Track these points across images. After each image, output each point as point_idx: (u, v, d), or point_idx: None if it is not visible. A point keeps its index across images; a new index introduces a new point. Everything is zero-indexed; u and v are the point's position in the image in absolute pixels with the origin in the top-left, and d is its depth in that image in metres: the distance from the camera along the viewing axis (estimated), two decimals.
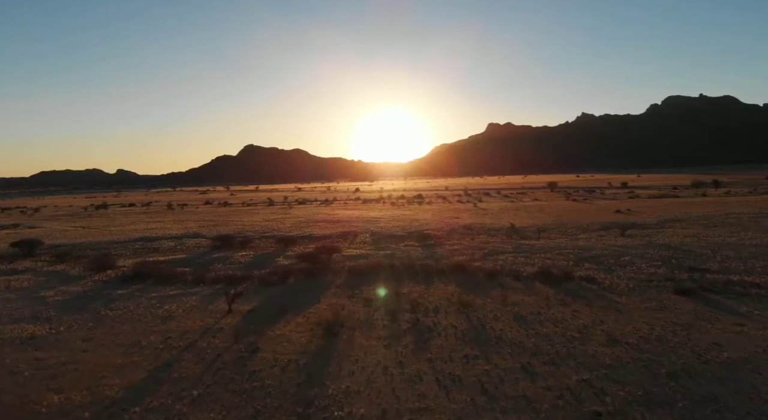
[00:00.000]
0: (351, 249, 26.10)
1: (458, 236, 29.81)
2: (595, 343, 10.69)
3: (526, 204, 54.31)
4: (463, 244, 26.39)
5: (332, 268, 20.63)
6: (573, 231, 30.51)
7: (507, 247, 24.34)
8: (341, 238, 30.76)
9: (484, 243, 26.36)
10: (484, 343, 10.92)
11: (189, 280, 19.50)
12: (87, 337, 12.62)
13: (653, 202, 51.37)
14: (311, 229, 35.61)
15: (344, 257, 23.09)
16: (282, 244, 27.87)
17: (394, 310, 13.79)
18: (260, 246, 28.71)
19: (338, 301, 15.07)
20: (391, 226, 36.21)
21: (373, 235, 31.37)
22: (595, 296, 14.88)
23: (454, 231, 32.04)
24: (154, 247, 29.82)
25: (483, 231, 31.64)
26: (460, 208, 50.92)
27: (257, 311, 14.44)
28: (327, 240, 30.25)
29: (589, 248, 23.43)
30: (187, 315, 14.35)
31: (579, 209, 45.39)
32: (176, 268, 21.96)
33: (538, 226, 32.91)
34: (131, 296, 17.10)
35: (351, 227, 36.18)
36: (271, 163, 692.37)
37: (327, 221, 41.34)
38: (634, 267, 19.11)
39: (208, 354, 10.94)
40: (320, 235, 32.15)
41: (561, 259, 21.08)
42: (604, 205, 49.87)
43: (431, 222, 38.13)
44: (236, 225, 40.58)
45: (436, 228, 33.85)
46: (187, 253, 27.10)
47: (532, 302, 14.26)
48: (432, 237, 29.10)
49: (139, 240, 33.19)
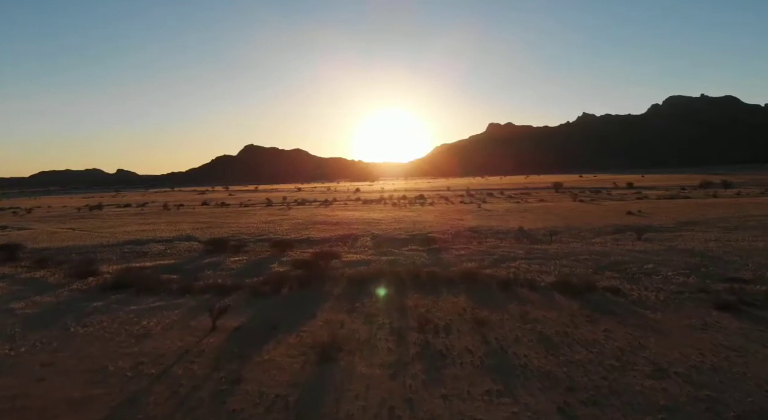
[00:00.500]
0: (351, 254, 24.46)
1: (464, 240, 28.16)
2: (640, 375, 9.04)
3: (532, 205, 52.65)
4: (471, 248, 24.75)
5: (330, 275, 19.00)
6: (586, 234, 28.86)
7: (518, 253, 22.69)
8: (341, 242, 29.14)
9: (493, 248, 24.71)
10: (507, 373, 9.27)
11: (174, 290, 17.87)
12: (48, 361, 10.99)
13: (664, 203, 49.71)
14: (309, 232, 33.98)
15: (343, 263, 21.46)
16: (277, 249, 26.24)
17: (399, 328, 12.16)
18: (255, 250, 27.07)
19: (336, 317, 13.44)
20: (393, 228, 34.58)
21: (375, 239, 29.74)
22: (626, 312, 13.24)
23: (459, 234, 30.40)
24: (143, 251, 28.19)
25: (490, 234, 29.99)
26: (464, 210, 49.28)
27: (245, 328, 12.81)
28: (325, 244, 28.62)
29: (606, 254, 21.79)
30: (166, 333, 12.72)
31: (588, 211, 43.74)
32: (162, 276, 20.33)
33: (548, 228, 31.26)
34: (108, 309, 15.47)
35: (351, 230, 34.55)
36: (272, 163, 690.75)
37: (326, 223, 39.71)
38: (660, 276, 17.48)
39: (183, 386, 9.30)
40: (318, 239, 30.52)
41: (579, 266, 19.44)
42: (613, 206, 48.22)
43: (435, 224, 36.49)
44: (232, 227, 38.96)
45: (440, 231, 32.22)
46: (177, 258, 25.47)
47: (556, 319, 12.62)
48: (437, 241, 27.46)
49: (129, 243, 31.56)
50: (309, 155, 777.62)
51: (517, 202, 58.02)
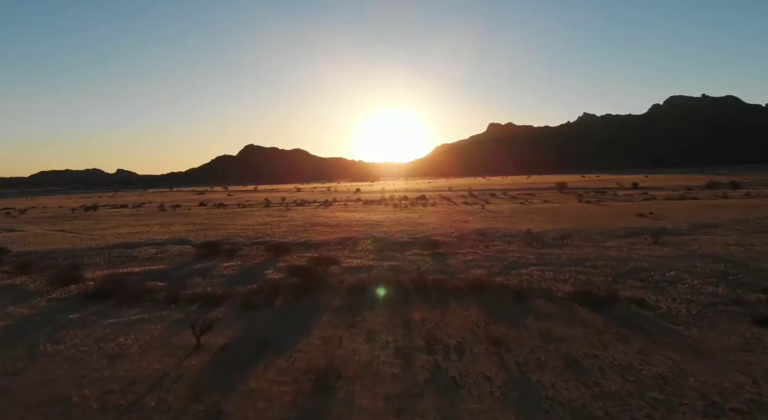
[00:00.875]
0: (351, 259, 23.10)
1: (471, 243, 26.79)
2: (691, 412, 7.67)
3: (538, 206, 51.26)
4: (478, 253, 23.37)
5: (329, 284, 17.65)
6: (598, 237, 27.48)
7: (529, 258, 21.31)
8: (340, 245, 27.78)
9: (502, 252, 23.33)
10: (534, 409, 7.90)
11: (160, 299, 16.52)
12: (5, 388, 9.63)
13: (673, 204, 48.32)
14: (308, 235, 32.61)
15: (343, 270, 20.10)
16: (273, 253, 24.87)
17: (405, 348, 10.80)
18: (249, 254, 25.71)
19: (334, 333, 12.08)
20: (395, 231, 33.21)
21: (376, 242, 28.37)
22: (656, 328, 11.87)
23: (465, 237, 29.03)
24: (132, 255, 26.84)
25: (497, 237, 28.62)
26: (468, 211, 47.89)
27: (232, 347, 11.45)
28: (324, 248, 27.25)
29: (624, 260, 20.41)
30: (144, 352, 11.36)
31: (596, 212, 42.35)
32: (149, 283, 18.98)
33: (557, 231, 29.89)
34: (84, 322, 14.11)
35: (351, 232, 33.19)
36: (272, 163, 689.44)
37: (325, 225, 38.34)
38: (686, 285, 16.11)
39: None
40: (317, 242, 29.15)
41: (596, 273, 18.07)
42: (622, 207, 46.84)
43: (438, 226, 35.11)
44: (227, 229, 37.59)
45: (444, 233, 30.85)
46: (167, 263, 24.11)
47: (581, 337, 11.25)
48: (441, 244, 26.08)
49: (119, 246, 30.21)
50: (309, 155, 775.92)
51: (521, 203, 56.63)
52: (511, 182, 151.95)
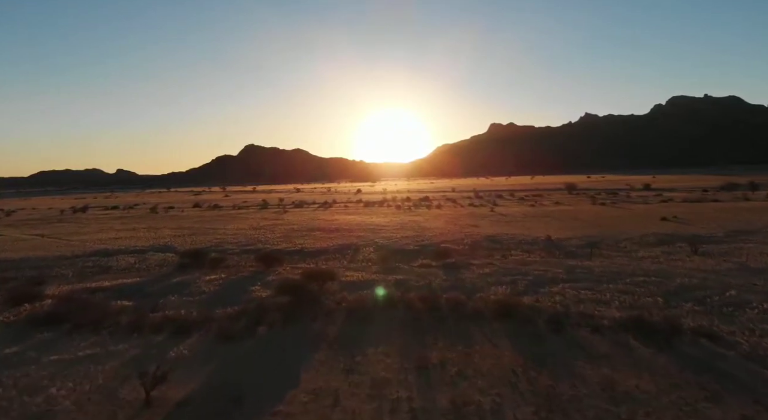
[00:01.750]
0: (351, 271, 20.33)
1: (485, 252, 24.01)
2: None
3: (550, 209, 48.41)
4: (495, 264, 20.58)
5: (324, 305, 14.87)
6: (627, 245, 24.69)
7: (556, 272, 18.52)
8: (339, 254, 25.01)
9: (523, 264, 20.54)
10: None
11: (122, 326, 13.77)
12: None
13: (695, 207, 45.47)
14: (304, 241, 29.84)
15: (342, 285, 17.34)
16: (264, 264, 22.08)
17: (423, 413, 8.00)
18: (237, 265, 22.95)
19: (328, 384, 9.31)
20: (400, 236, 30.43)
21: (379, 250, 25.61)
22: (750, 377, 9.09)
23: (477, 244, 26.24)
24: (107, 266, 24.10)
25: (514, 245, 25.83)
26: (476, 214, 45.07)
27: (194, 404, 8.68)
28: (321, 257, 24.47)
29: (666, 274, 17.62)
30: (78, 411, 8.60)
31: (615, 216, 39.52)
32: (115, 302, 16.23)
33: (579, 238, 27.12)
34: (20, 359, 11.37)
35: (351, 238, 30.42)
36: (272, 163, 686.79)
37: (324, 230, 35.58)
38: (756, 309, 13.34)
39: None
40: (314, 250, 26.38)
41: (640, 292, 15.28)
42: (641, 210, 44.00)
43: (446, 231, 32.33)
44: (218, 234, 34.84)
45: (454, 240, 28.07)
46: (144, 275, 21.36)
47: (655, 393, 8.46)
48: (452, 253, 23.29)
49: (96, 254, 27.46)
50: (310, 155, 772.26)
51: (531, 205, 53.78)
52: (516, 183, 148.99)
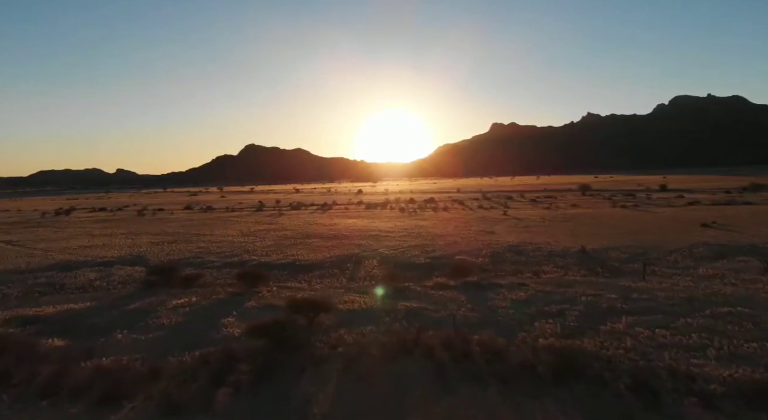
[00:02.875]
0: (350, 294, 16.47)
1: (511, 267, 20.13)
2: None
3: (569, 212, 44.40)
4: (529, 285, 16.69)
5: (314, 350, 11.03)
6: (679, 259, 20.79)
7: (610, 297, 14.61)
8: (337, 269, 21.15)
9: (563, 285, 16.63)
10: None
11: (36, 382, 9.97)
12: None
13: (727, 210, 41.50)
14: (297, 251, 25.96)
15: (338, 317, 13.48)
16: (245, 282, 18.22)
17: None
18: (214, 283, 19.12)
19: None
20: (407, 245, 26.56)
21: (384, 263, 21.76)
22: None
23: (499, 257, 22.36)
24: (61, 283, 20.30)
25: (543, 258, 21.93)
26: (488, 217, 41.13)
27: None
28: (316, 273, 20.59)
29: (754, 302, 13.73)
30: None
31: (644, 220, 35.57)
32: (44, 341, 12.44)
33: (618, 248, 23.24)
34: None
35: (352, 247, 26.57)
36: (273, 163, 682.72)
37: (321, 236, 31.71)
38: None
39: None
40: (307, 263, 22.51)
41: (737, 333, 11.41)
42: (669, 214, 40.03)
43: (459, 239, 28.44)
44: (201, 242, 30.99)
45: (470, 250, 24.20)
46: (99, 298, 17.52)
47: None
48: (472, 268, 19.39)
49: (54, 268, 23.64)
50: (310, 155, 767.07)
51: (547, 208, 49.77)
52: (522, 183, 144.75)
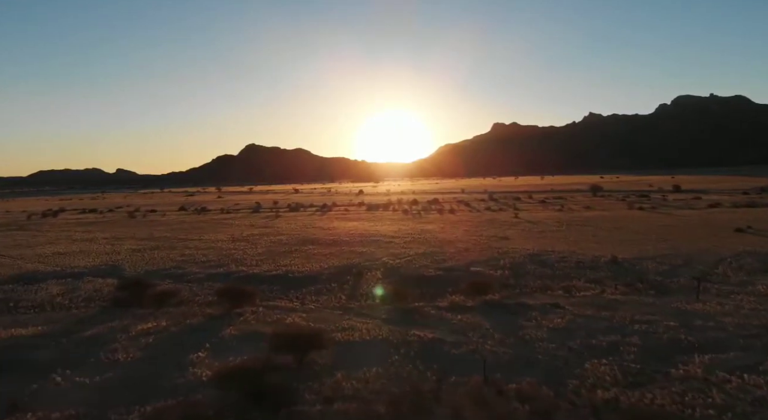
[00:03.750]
0: (349, 317, 13.80)
1: (536, 281, 17.41)
2: None
3: (584, 215, 41.54)
4: (565, 307, 13.99)
5: (302, 410, 8.33)
6: (729, 272, 18.06)
7: (668, 325, 11.90)
8: (335, 283, 18.42)
9: (605, 307, 13.90)
10: None
11: None
12: None
13: (755, 213, 38.69)
14: (291, 260, 23.23)
15: (333, 356, 10.80)
16: (227, 301, 15.50)
17: None
18: (191, 301, 16.42)
19: None
20: (414, 254, 23.82)
21: (389, 276, 19.05)
22: None
23: (520, 268, 19.61)
24: (17, 300, 17.63)
25: (570, 269, 19.19)
26: (499, 220, 38.34)
27: None
28: (310, 288, 17.86)
29: None
30: None
31: (668, 224, 32.79)
32: None
33: (653, 258, 20.48)
34: None
35: (353, 256, 23.83)
36: (273, 163, 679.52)
37: (318, 242, 29.01)
38: None
39: None
40: (301, 276, 19.78)
41: None
42: (694, 217, 37.21)
43: (472, 246, 25.70)
44: (188, 248, 28.29)
45: (486, 260, 21.45)
46: (53, 321, 14.85)
47: None
48: (492, 284, 16.68)
49: (18, 280, 20.96)
50: (311, 155, 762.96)
51: (558, 210, 46.93)
52: (526, 184, 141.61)
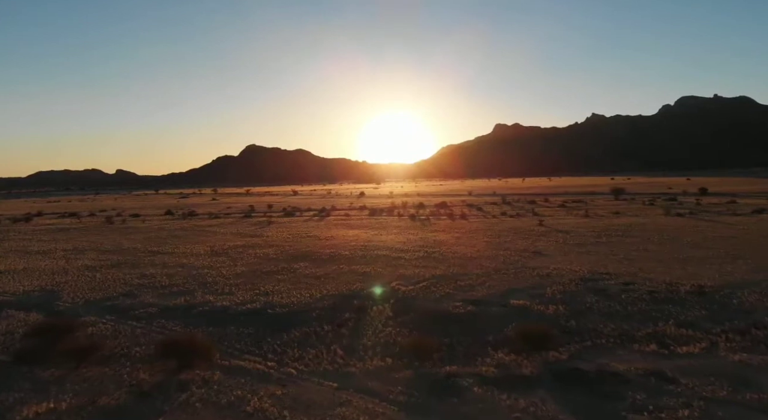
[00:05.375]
0: (347, 406, 8.77)
1: (606, 323, 12.36)
2: None
3: (617, 222, 36.28)
4: (675, 376, 8.94)
5: None
6: None
7: None
8: (328, 325, 13.40)
9: (730, 378, 8.84)
10: None
11: None
12: None
13: None
14: (274, 285, 18.19)
15: None
16: (172, 360, 10.48)
17: None
18: (124, 356, 11.41)
19: None
20: (431, 277, 18.79)
21: (402, 313, 14.06)
22: None
23: (577, 301, 14.58)
24: None
25: (643, 303, 14.13)
26: (524, 230, 33.22)
27: None
28: (294, 331, 12.84)
29: None
30: None
31: (728, 236, 27.65)
32: None
33: (748, 285, 15.44)
34: None
35: (353, 277, 18.84)
36: (274, 164, 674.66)
37: (312, 258, 24.01)
38: None
39: None
40: (284, 312, 14.74)
41: None
42: (749, 224, 32.06)
43: (502, 265, 20.64)
44: (151, 267, 23.29)
45: (526, 287, 16.45)
46: None
47: None
48: (550, 332, 11.62)
49: None
50: (312, 156, 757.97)
51: (585, 216, 41.76)
52: (535, 185, 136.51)
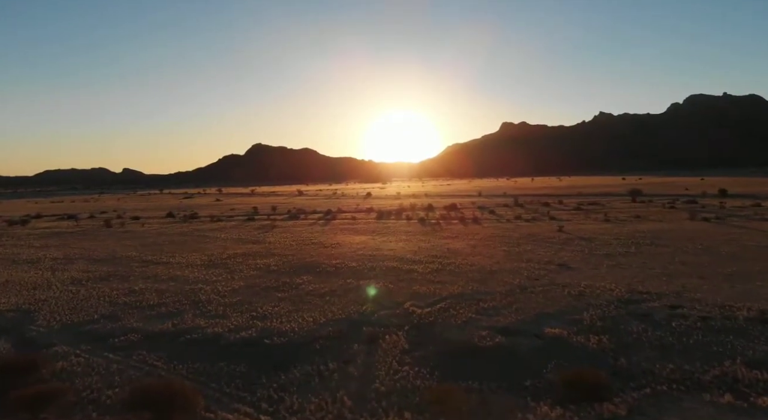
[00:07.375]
0: None
1: (660, 360, 10.25)
2: None
3: (641, 227, 33.81)
4: None
5: None
6: None
7: None
8: (333, 362, 11.36)
9: None
10: None
11: None
12: None
13: None
14: (273, 306, 16.15)
15: None
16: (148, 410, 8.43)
17: None
18: (92, 403, 9.40)
19: None
20: (448, 295, 16.66)
21: (419, 345, 12.01)
22: None
23: (621, 330, 12.41)
24: None
25: (698, 334, 11.95)
26: (542, 236, 30.92)
27: None
28: (293, 370, 10.87)
29: None
30: None
31: (766, 245, 25.23)
32: None
33: None
34: None
35: (361, 297, 16.75)
36: (280, 163, 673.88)
37: (316, 271, 21.96)
38: None
39: None
40: (282, 343, 12.68)
41: None
42: None
43: (527, 282, 18.46)
44: (141, 281, 21.35)
45: (560, 311, 14.29)
46: None
47: None
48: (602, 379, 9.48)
49: None
50: (318, 155, 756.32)
51: (606, 221, 39.32)
52: (546, 185, 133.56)
